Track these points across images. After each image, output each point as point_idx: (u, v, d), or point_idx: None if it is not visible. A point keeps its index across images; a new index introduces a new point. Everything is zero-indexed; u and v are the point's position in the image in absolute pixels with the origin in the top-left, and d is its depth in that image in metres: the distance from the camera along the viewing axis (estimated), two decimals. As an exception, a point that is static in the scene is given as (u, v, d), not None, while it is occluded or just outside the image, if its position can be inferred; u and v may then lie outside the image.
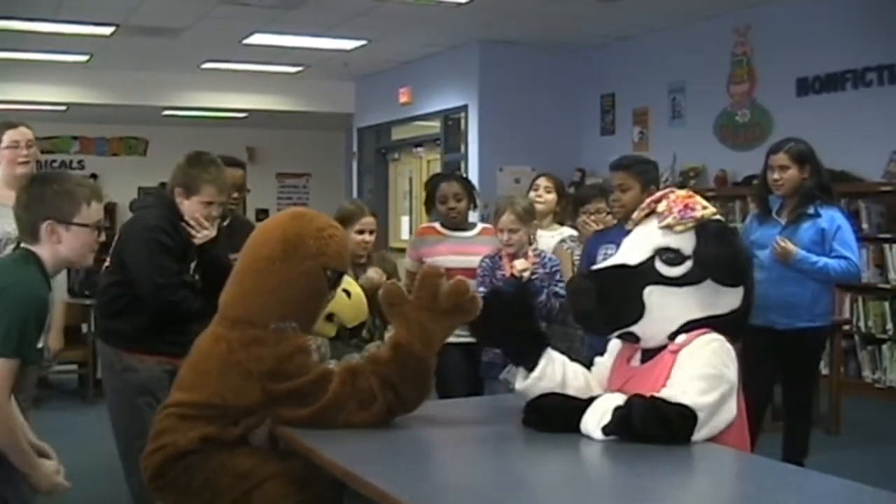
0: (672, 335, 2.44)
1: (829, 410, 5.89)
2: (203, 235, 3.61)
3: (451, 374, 3.96)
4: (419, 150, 11.30)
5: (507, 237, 4.07)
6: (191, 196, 3.57)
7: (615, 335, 2.58)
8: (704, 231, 2.48)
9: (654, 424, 2.25)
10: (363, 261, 4.02)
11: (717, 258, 2.45)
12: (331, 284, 2.68)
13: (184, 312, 3.51)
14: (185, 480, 2.50)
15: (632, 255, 2.53)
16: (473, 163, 9.62)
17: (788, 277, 4.23)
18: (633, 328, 2.48)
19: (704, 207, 2.52)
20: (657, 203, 2.57)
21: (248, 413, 2.51)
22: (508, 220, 4.06)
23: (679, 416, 2.26)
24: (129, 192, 13.42)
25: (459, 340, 3.00)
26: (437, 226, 4.55)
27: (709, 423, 2.30)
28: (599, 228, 4.29)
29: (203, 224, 3.61)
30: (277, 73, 11.22)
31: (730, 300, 2.48)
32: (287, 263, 2.56)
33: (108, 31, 8.81)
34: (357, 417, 2.46)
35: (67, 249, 2.51)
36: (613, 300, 2.48)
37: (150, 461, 2.54)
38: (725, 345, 2.40)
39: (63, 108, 11.96)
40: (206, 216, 3.60)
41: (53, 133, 13.83)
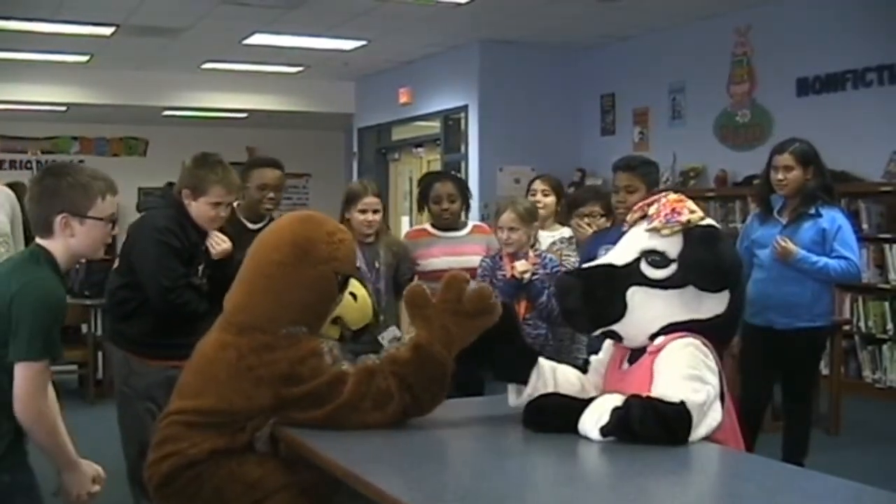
0: (653, 336, 2.46)
1: (829, 410, 5.89)
2: (221, 252, 3.62)
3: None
4: (419, 151, 11.29)
5: (507, 236, 4.04)
6: (198, 197, 3.57)
7: (598, 333, 2.60)
8: (690, 235, 2.50)
9: (653, 425, 2.25)
10: (370, 240, 4.00)
11: (699, 263, 2.46)
12: (339, 288, 2.67)
13: (189, 315, 3.52)
14: (194, 489, 2.46)
15: (619, 256, 2.57)
16: (473, 163, 9.62)
17: (788, 277, 4.23)
18: (615, 327, 2.51)
19: (692, 212, 2.53)
20: (649, 206, 2.59)
21: (255, 417, 2.48)
22: (509, 219, 4.04)
23: (676, 416, 2.26)
24: (130, 193, 13.48)
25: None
26: (429, 227, 4.55)
27: (702, 424, 2.30)
28: (593, 230, 4.29)
29: (221, 240, 3.61)
30: (277, 73, 11.22)
31: (713, 305, 2.49)
32: (298, 268, 2.54)
33: (108, 31, 8.81)
34: (371, 417, 2.44)
35: (80, 243, 2.47)
36: (597, 299, 2.50)
37: (157, 469, 2.49)
38: (701, 348, 2.40)
39: (63, 109, 11.96)
40: (215, 217, 3.60)
41: (53, 133, 13.84)
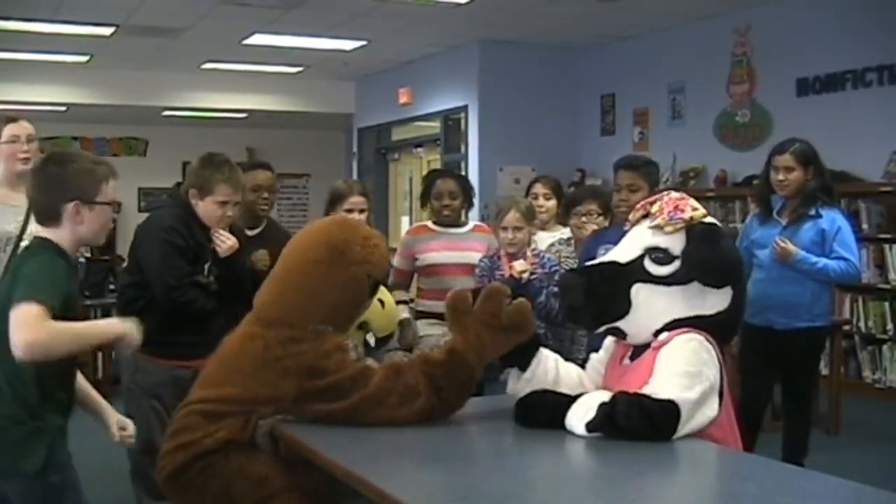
0: (657, 332, 2.48)
1: (829, 410, 5.89)
2: (227, 248, 3.62)
3: None
4: (419, 151, 11.29)
5: (512, 235, 4.02)
6: (205, 196, 3.57)
7: (601, 330, 2.61)
8: (692, 232, 2.52)
9: (638, 421, 2.26)
10: None
11: (701, 259, 2.49)
12: (370, 292, 2.71)
13: (194, 314, 3.52)
14: (202, 482, 2.47)
15: (623, 253, 2.58)
16: (473, 163, 9.62)
17: (788, 277, 4.23)
18: (619, 324, 2.53)
19: (695, 209, 2.55)
20: (652, 204, 2.61)
21: (273, 407, 2.49)
22: (514, 218, 4.02)
23: (663, 412, 2.27)
24: (130, 193, 13.47)
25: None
26: (430, 224, 4.57)
27: (692, 420, 2.31)
28: (592, 229, 4.28)
29: (226, 238, 3.61)
30: (277, 74, 11.22)
31: (716, 301, 2.50)
32: (333, 268, 2.59)
33: (108, 32, 8.81)
34: (397, 413, 2.47)
35: (88, 229, 2.48)
36: (601, 296, 2.52)
37: (171, 460, 2.50)
38: (704, 344, 2.42)
39: (63, 109, 11.95)
40: (222, 216, 3.60)
41: (53, 133, 13.79)
